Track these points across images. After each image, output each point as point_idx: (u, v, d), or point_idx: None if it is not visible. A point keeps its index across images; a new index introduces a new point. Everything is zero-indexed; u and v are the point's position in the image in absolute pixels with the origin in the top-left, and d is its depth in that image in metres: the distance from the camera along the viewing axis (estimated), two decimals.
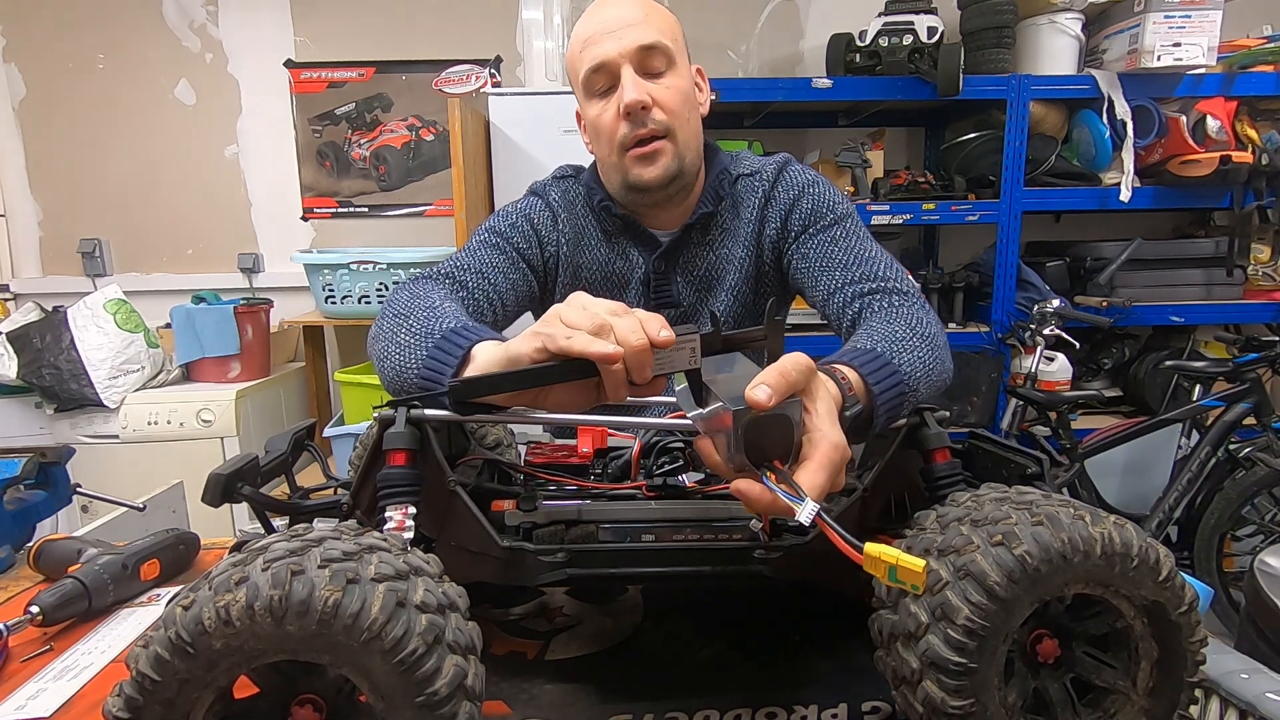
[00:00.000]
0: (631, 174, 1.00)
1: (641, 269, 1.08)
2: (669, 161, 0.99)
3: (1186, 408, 2.23)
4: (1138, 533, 0.46)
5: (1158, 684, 0.48)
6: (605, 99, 0.99)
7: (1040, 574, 0.44)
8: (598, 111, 1.00)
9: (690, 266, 1.08)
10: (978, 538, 0.46)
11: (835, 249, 0.99)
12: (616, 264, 1.09)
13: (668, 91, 0.97)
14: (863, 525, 0.63)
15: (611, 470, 0.71)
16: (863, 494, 0.61)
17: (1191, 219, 2.73)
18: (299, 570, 0.40)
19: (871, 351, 0.71)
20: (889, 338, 0.77)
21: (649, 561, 0.60)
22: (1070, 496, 0.56)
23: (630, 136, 0.97)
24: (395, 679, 0.40)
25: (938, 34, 2.22)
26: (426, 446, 0.58)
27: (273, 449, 0.69)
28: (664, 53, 0.97)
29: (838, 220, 1.02)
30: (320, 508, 0.67)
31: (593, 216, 1.09)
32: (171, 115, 2.73)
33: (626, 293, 1.10)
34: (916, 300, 0.91)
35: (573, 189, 1.11)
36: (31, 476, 0.94)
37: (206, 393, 2.35)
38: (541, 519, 0.62)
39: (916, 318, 0.85)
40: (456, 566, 0.59)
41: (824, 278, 0.99)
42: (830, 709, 0.56)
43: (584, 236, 1.09)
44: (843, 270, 0.97)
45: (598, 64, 0.96)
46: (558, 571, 0.58)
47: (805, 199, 1.04)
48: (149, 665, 0.39)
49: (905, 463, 0.62)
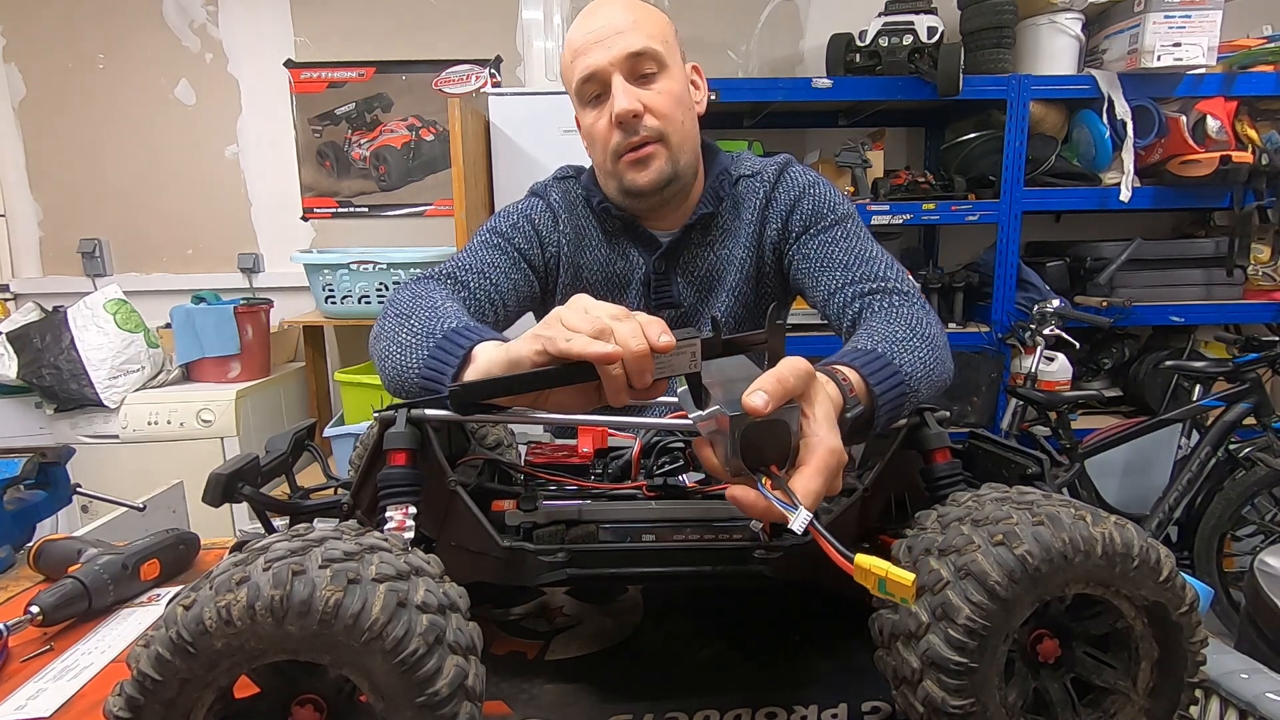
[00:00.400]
0: (626, 179, 1.01)
1: (642, 269, 1.08)
2: (662, 165, 0.99)
3: (1186, 408, 2.23)
4: (1138, 533, 0.46)
5: (1158, 684, 0.48)
6: (598, 107, 0.99)
7: (1041, 574, 0.44)
8: (591, 120, 1.00)
9: (691, 267, 1.08)
10: (979, 537, 0.46)
11: (836, 249, 0.99)
12: (617, 264, 1.09)
13: (659, 96, 0.97)
14: (863, 525, 0.63)
15: (612, 470, 0.71)
16: (863, 494, 0.61)
17: (1191, 219, 2.73)
18: (300, 570, 0.40)
19: (872, 352, 0.71)
20: (889, 338, 0.77)
21: (649, 561, 0.60)
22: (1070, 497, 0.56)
23: (623, 145, 0.98)
24: (396, 679, 0.40)
25: (938, 34, 2.22)
26: (427, 446, 0.58)
27: (273, 449, 0.69)
28: (653, 57, 0.97)
29: (838, 221, 1.02)
30: (320, 508, 0.67)
31: (593, 217, 1.10)
32: (171, 115, 2.73)
33: (627, 293, 1.10)
34: (917, 300, 0.92)
35: (573, 190, 1.11)
36: (31, 476, 0.94)
37: (206, 393, 2.35)
38: (542, 519, 0.62)
39: (917, 318, 0.85)
40: (457, 566, 0.59)
41: (824, 277, 0.99)
42: (830, 709, 0.56)
43: (584, 237, 1.09)
44: (843, 270, 0.97)
45: (588, 74, 0.97)
46: (558, 571, 0.58)
47: (806, 200, 1.04)
48: (150, 665, 0.39)
49: (905, 463, 0.62)
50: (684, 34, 1.04)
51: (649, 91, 0.97)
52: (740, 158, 1.12)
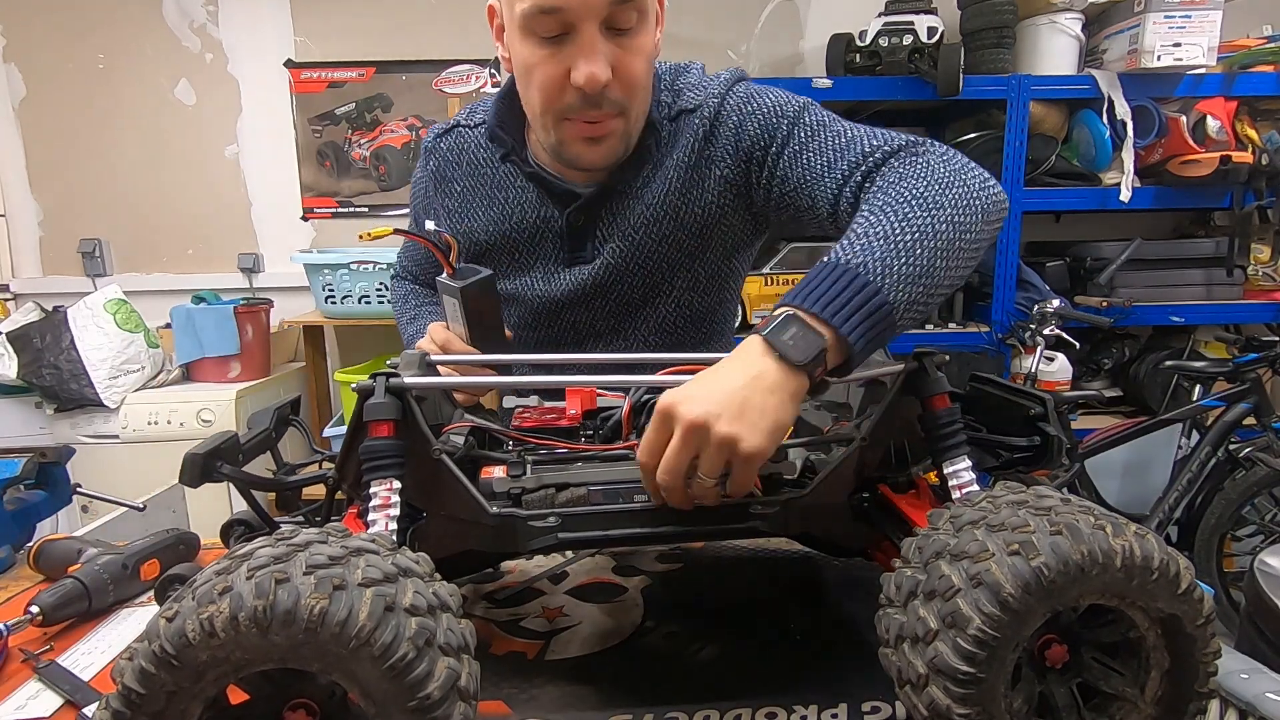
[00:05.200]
0: (569, 151, 0.87)
1: (558, 222, 0.95)
2: (615, 144, 0.87)
3: (1186, 408, 2.23)
4: (1159, 544, 0.44)
5: (1166, 693, 0.47)
6: (550, 47, 0.80)
7: (1056, 586, 0.42)
8: (537, 60, 0.81)
9: (617, 218, 0.93)
10: (993, 544, 0.44)
11: (809, 156, 0.84)
12: (527, 217, 0.95)
13: (633, 58, 0.82)
14: (861, 474, 0.61)
15: (603, 432, 0.69)
16: (861, 443, 0.59)
17: (1191, 219, 2.72)
18: (284, 578, 0.39)
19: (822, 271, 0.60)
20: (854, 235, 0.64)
21: (643, 522, 0.59)
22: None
23: (576, 112, 0.83)
24: (386, 684, 0.39)
25: (938, 34, 2.22)
26: (409, 416, 0.56)
27: (256, 425, 0.67)
28: (638, 6, 0.79)
29: (795, 123, 0.86)
30: (304, 483, 0.66)
31: (497, 164, 0.96)
32: (171, 115, 2.73)
33: (538, 248, 0.98)
34: (909, 153, 0.77)
35: (466, 139, 0.99)
36: (31, 476, 0.94)
37: (206, 393, 2.35)
38: (531, 484, 0.60)
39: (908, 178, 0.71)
40: (448, 536, 0.59)
41: (816, 192, 0.83)
42: (830, 709, 0.56)
43: (477, 194, 0.97)
44: (829, 172, 0.82)
45: (552, 6, 0.76)
46: (549, 536, 0.56)
47: (750, 122, 0.89)
48: (134, 679, 0.38)
49: (904, 409, 0.60)
50: (684, 34, 1.02)
51: (622, 49, 0.81)
52: (681, 87, 0.93)
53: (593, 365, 0.80)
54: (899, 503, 0.62)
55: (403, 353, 0.68)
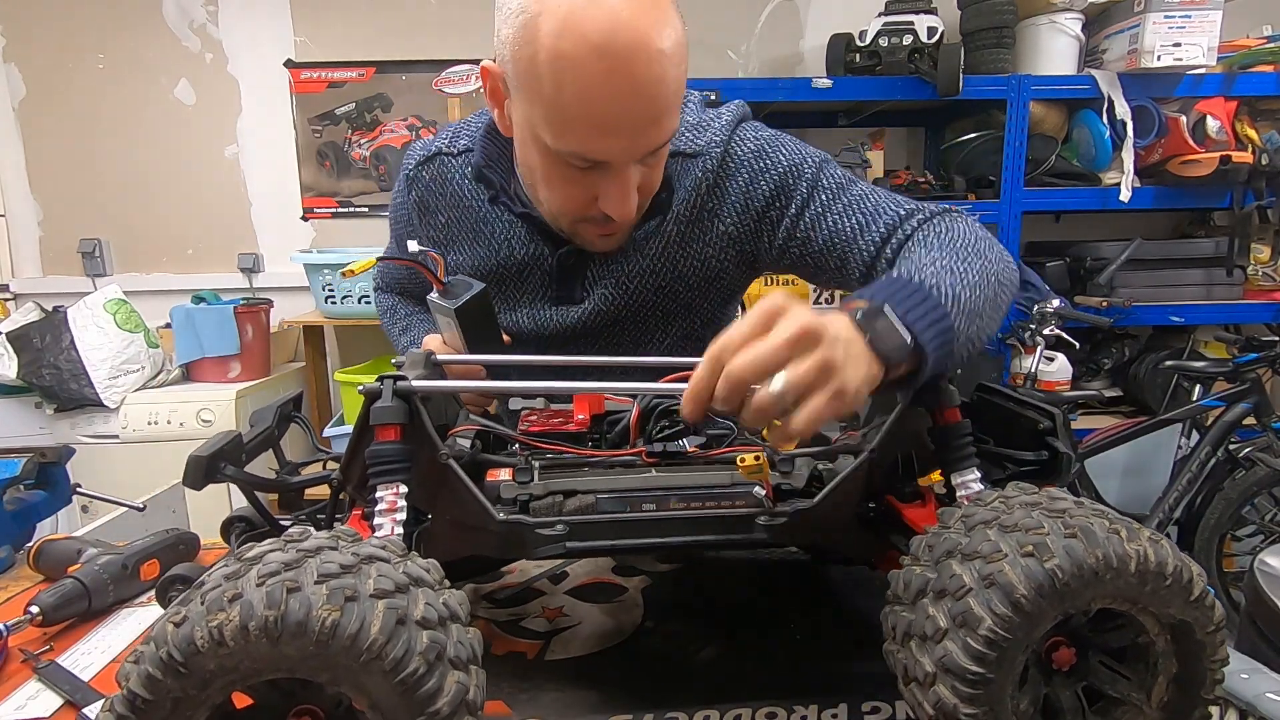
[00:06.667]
0: (582, 240, 0.87)
1: (548, 261, 0.92)
2: (624, 236, 0.87)
3: (1186, 408, 2.23)
4: (1173, 550, 0.44)
5: (1172, 699, 0.47)
6: (580, 173, 0.77)
7: (1069, 589, 0.42)
8: (563, 180, 0.79)
9: (608, 260, 0.91)
10: (1007, 545, 0.44)
11: (834, 219, 0.84)
12: (516, 253, 0.92)
13: (657, 170, 0.82)
14: (870, 486, 0.61)
15: (610, 437, 0.68)
16: (870, 456, 0.58)
17: (1191, 219, 2.72)
18: (295, 587, 0.38)
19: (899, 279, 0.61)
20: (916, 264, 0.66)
21: (650, 531, 0.58)
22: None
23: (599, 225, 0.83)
24: (396, 699, 0.39)
25: (938, 34, 2.22)
26: (416, 419, 0.56)
27: (258, 422, 0.66)
28: (670, 134, 0.78)
29: (813, 184, 0.85)
30: (308, 483, 0.65)
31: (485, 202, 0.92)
32: (171, 115, 2.73)
33: (524, 283, 0.94)
34: (948, 217, 0.79)
35: (450, 168, 0.94)
36: (31, 476, 0.94)
37: (206, 393, 2.35)
38: (539, 490, 0.59)
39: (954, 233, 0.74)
40: (453, 541, 0.58)
41: (849, 253, 0.83)
42: (830, 709, 0.56)
43: (463, 225, 0.94)
44: (863, 234, 0.82)
45: (593, 162, 0.75)
46: (556, 545, 0.56)
47: (762, 180, 0.86)
48: (140, 684, 0.38)
49: (913, 421, 0.60)
50: None
51: (648, 167, 0.80)
52: (681, 128, 0.88)
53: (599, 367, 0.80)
54: (906, 513, 0.61)
55: (409, 352, 0.68)
